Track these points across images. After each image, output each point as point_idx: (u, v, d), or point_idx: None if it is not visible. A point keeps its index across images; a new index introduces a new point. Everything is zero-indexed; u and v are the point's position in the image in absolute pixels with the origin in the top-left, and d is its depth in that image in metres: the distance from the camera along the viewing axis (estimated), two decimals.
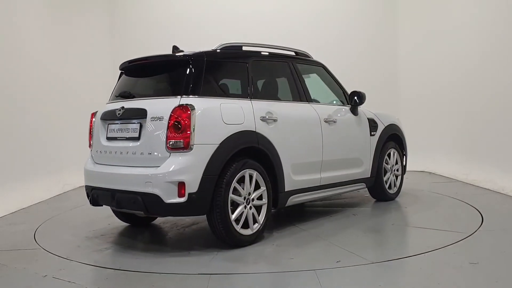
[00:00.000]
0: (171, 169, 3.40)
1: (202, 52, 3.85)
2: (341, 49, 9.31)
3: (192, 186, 3.40)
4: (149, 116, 3.60)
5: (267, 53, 4.51)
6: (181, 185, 3.38)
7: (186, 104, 3.48)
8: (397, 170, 5.58)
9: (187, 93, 3.60)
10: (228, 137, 3.60)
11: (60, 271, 3.30)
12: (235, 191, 3.65)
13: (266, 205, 3.86)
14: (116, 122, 3.92)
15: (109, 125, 4.02)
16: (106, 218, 4.88)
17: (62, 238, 4.23)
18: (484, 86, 6.83)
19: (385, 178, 5.34)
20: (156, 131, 3.54)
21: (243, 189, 3.70)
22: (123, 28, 9.21)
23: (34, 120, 6.78)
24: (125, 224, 4.69)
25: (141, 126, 3.68)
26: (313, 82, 5.09)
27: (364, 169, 5.05)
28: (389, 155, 5.43)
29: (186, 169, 3.40)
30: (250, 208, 3.73)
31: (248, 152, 3.79)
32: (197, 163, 3.43)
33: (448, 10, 7.96)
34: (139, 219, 4.61)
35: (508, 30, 6.20)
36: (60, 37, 7.75)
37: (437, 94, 8.27)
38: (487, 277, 2.93)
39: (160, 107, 3.58)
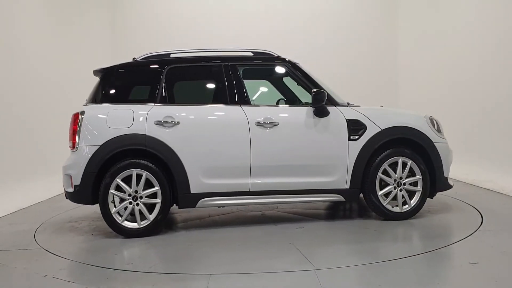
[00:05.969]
0: (65, 165, 4.25)
1: (115, 65, 4.51)
2: (341, 49, 9.34)
3: (76, 180, 4.12)
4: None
5: (192, 58, 4.61)
6: (71, 178, 4.14)
7: (79, 111, 4.21)
8: (413, 184, 4.48)
9: (91, 101, 4.34)
10: (109, 139, 4.11)
11: (60, 271, 3.31)
12: (120, 188, 4.10)
13: (159, 204, 4.16)
14: None
15: None
16: None
17: (62, 238, 4.24)
18: (484, 86, 6.83)
19: (381, 192, 4.42)
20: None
21: (130, 187, 4.10)
22: (124, 28, 9.23)
23: (34, 120, 6.79)
24: None
25: None
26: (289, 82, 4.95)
27: (337, 179, 4.37)
28: (394, 165, 4.44)
29: (72, 165, 4.17)
30: (137, 204, 4.12)
31: (142, 153, 4.16)
32: (80, 161, 4.12)
33: (449, 10, 7.97)
34: None
35: (508, 31, 6.21)
36: (60, 37, 7.75)
37: (437, 94, 8.28)
38: (487, 277, 2.93)
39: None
